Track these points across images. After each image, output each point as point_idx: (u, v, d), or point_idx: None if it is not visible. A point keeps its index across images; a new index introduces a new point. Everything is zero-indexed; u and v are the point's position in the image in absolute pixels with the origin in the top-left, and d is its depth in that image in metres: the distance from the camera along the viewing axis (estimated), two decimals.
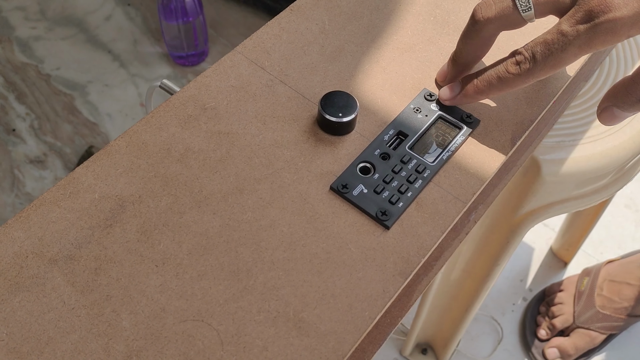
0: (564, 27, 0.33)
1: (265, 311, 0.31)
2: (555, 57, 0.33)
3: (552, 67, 0.34)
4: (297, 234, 0.34)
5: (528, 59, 0.34)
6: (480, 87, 0.36)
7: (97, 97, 1.17)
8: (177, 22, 1.12)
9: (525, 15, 0.35)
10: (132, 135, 0.37)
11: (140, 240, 0.33)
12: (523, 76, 0.34)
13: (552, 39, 0.33)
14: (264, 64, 0.41)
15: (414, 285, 0.43)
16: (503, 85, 0.36)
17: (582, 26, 0.32)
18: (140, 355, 0.30)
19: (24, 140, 1.12)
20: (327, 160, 0.37)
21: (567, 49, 0.33)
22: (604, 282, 0.95)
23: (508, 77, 0.35)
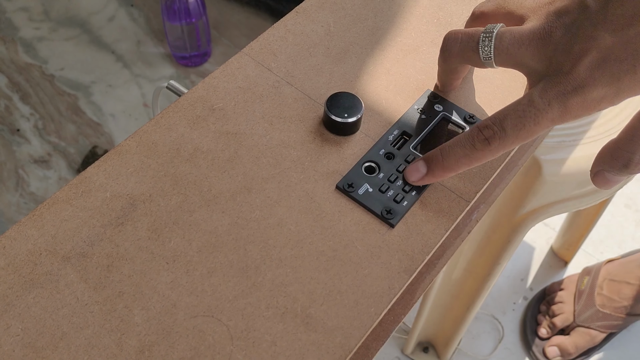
0: (536, 100, 0.31)
1: (274, 307, 0.32)
2: (527, 129, 0.32)
3: (523, 139, 0.32)
4: (304, 232, 0.35)
5: (498, 134, 0.32)
6: (447, 166, 0.34)
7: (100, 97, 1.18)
8: (180, 22, 1.13)
9: (485, 62, 0.35)
10: (142, 136, 0.38)
11: (151, 238, 0.34)
12: (493, 151, 0.33)
13: (524, 111, 0.32)
14: (270, 66, 0.41)
15: (417, 283, 0.44)
16: (472, 162, 0.34)
17: (554, 100, 0.31)
18: (152, 349, 0.30)
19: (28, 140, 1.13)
20: (333, 159, 0.38)
21: (539, 122, 0.32)
22: (604, 281, 0.95)
23: (477, 154, 0.33)
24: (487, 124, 0.33)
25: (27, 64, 1.22)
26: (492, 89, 0.42)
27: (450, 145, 0.34)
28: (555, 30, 0.32)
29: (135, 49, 1.25)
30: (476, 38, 0.35)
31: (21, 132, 1.13)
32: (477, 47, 0.34)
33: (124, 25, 1.28)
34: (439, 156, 0.35)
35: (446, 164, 0.34)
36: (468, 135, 0.33)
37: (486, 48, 0.34)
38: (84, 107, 1.16)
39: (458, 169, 0.34)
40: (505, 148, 0.33)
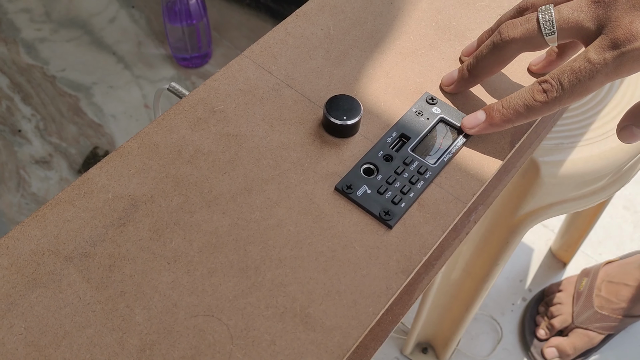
0: (592, 56, 0.33)
1: (273, 307, 0.32)
2: (583, 85, 0.34)
3: (579, 94, 0.34)
4: (303, 232, 0.35)
5: (555, 87, 0.34)
6: (507, 115, 0.36)
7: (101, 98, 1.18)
8: (181, 24, 1.13)
9: (548, 39, 0.36)
10: (144, 137, 0.38)
11: (152, 238, 0.34)
12: (550, 104, 0.35)
13: (580, 67, 0.34)
14: (270, 68, 0.42)
15: (415, 284, 0.44)
16: (530, 113, 0.36)
17: (609, 55, 0.33)
18: (153, 348, 0.31)
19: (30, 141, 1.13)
20: (332, 161, 0.38)
21: (594, 77, 0.33)
22: (603, 283, 0.96)
23: (535, 105, 0.35)
24: (546, 79, 0.35)
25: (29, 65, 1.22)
26: (488, 91, 0.42)
27: (511, 97, 0.36)
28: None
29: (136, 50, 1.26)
30: (534, 18, 0.36)
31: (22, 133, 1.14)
32: (539, 26, 0.36)
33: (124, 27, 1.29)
34: (500, 106, 0.37)
35: (506, 113, 0.36)
36: (528, 88, 0.35)
37: (548, 23, 0.36)
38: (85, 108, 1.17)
39: (516, 119, 0.36)
40: (562, 102, 0.35)
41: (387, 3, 0.46)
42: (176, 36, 1.15)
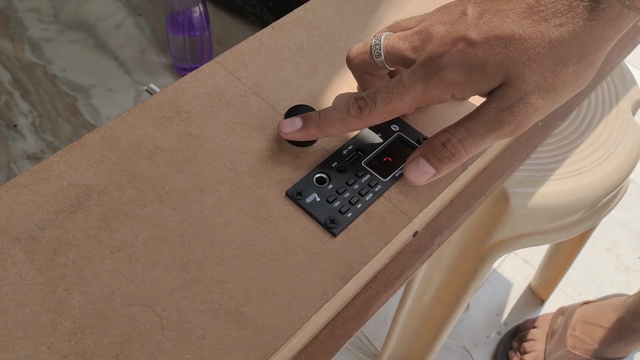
0: (404, 78, 0.36)
1: (209, 302, 0.33)
2: (393, 105, 0.36)
3: (389, 114, 0.36)
4: (249, 234, 0.36)
5: (369, 105, 0.36)
6: (322, 125, 0.38)
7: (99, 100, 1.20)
8: (183, 35, 1.16)
9: (378, 61, 0.39)
10: (107, 131, 0.39)
11: (100, 227, 0.35)
12: (363, 120, 0.37)
13: (393, 88, 0.36)
14: (240, 75, 0.43)
15: (372, 300, 0.45)
16: (344, 127, 0.38)
17: (419, 80, 0.35)
18: (85, 332, 0.32)
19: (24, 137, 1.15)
20: (287, 168, 0.39)
21: (403, 99, 0.36)
22: (578, 323, 0.95)
23: (349, 120, 0.37)
24: (362, 96, 0.37)
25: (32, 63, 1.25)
26: (449, 114, 0.43)
27: (328, 109, 0.38)
28: (436, 28, 0.37)
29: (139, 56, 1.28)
30: (370, 43, 0.40)
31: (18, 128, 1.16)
32: (370, 50, 0.39)
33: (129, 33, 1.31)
34: (317, 116, 0.38)
35: (321, 123, 0.38)
36: (345, 103, 0.37)
37: (376, 47, 0.39)
38: (81, 109, 1.19)
39: (330, 131, 0.38)
40: (374, 119, 0.37)
41: (361, 24, 0.48)
42: (177, 46, 1.18)
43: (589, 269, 1.11)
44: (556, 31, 0.33)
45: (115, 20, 1.35)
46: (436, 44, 0.36)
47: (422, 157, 0.36)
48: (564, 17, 0.33)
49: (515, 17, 0.34)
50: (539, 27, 0.33)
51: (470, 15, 0.36)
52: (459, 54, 0.35)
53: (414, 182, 0.37)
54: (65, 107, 1.17)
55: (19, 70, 1.20)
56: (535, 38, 0.33)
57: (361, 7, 0.48)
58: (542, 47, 0.33)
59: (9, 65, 1.21)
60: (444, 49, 0.35)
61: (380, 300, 0.45)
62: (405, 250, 0.45)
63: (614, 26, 0.33)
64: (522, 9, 0.34)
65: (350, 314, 0.42)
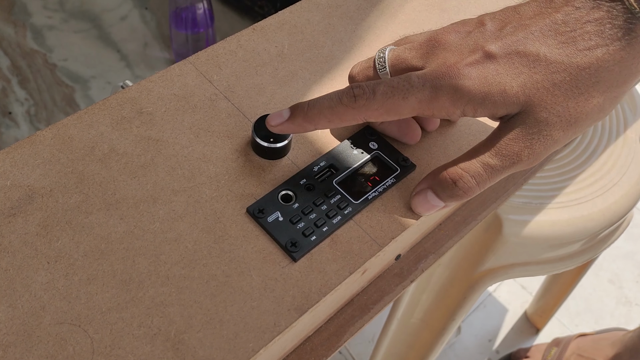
0: (412, 77, 0.32)
1: (146, 326, 0.30)
2: (394, 101, 0.32)
3: (387, 110, 0.32)
4: (201, 252, 0.33)
5: (367, 94, 0.32)
6: (310, 115, 0.33)
7: (97, 92, 1.18)
8: (186, 31, 1.13)
9: (382, 75, 0.35)
10: (60, 128, 0.36)
11: (39, 234, 0.32)
12: (357, 110, 0.32)
13: (398, 83, 0.32)
14: (212, 78, 0.40)
15: (346, 326, 0.42)
16: (333, 117, 0.33)
17: (428, 83, 0.32)
18: (7, 350, 0.29)
19: (18, 125, 1.13)
20: (252, 182, 0.36)
21: (407, 98, 0.32)
22: (572, 356, 0.91)
23: (340, 109, 0.33)
24: (361, 84, 0.33)
25: (32, 50, 1.22)
26: (432, 135, 0.40)
27: (318, 98, 0.34)
28: (449, 35, 0.33)
29: (141, 50, 1.26)
30: (373, 58, 0.36)
31: (12, 116, 1.13)
32: (374, 64, 0.36)
33: (134, 26, 1.29)
34: (305, 105, 0.34)
35: (310, 113, 0.34)
36: (338, 91, 0.33)
37: (380, 60, 0.35)
38: (78, 100, 1.16)
39: (319, 121, 0.34)
40: (369, 112, 0.33)
41: (349, 31, 0.45)
42: (180, 42, 1.15)
43: (588, 299, 1.07)
44: (584, 57, 0.30)
45: (120, 12, 1.32)
46: (450, 52, 0.32)
47: (430, 190, 0.33)
48: (592, 41, 0.30)
49: (539, 35, 0.31)
50: (566, 50, 0.30)
51: (489, 27, 0.32)
52: (476, 66, 0.31)
53: (421, 214, 0.35)
54: (63, 98, 1.15)
55: (19, 57, 1.18)
56: (562, 62, 0.30)
57: (350, 13, 0.45)
58: (567, 74, 0.30)
59: (9, 51, 1.19)
60: (459, 57, 0.32)
61: (355, 326, 0.42)
62: (386, 274, 0.42)
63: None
64: (547, 26, 0.31)
65: (322, 339, 0.39)
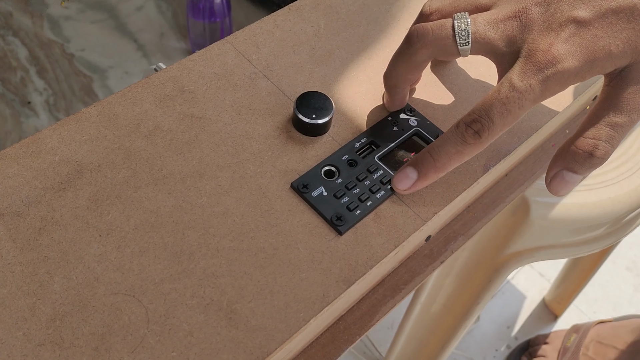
0: (517, 83, 0.31)
1: (199, 297, 0.31)
2: (513, 115, 0.31)
3: (509, 124, 0.32)
4: (248, 225, 0.33)
5: (487, 126, 0.32)
6: (440, 166, 0.33)
7: (115, 82, 1.19)
8: (203, 20, 1.14)
9: (462, 49, 0.33)
10: (105, 106, 0.37)
11: (89, 207, 0.33)
12: (484, 142, 0.32)
13: (507, 97, 0.31)
14: (251, 57, 0.41)
15: (378, 305, 0.42)
16: (464, 157, 0.33)
17: (534, 80, 0.31)
18: (64, 319, 0.29)
19: (37, 114, 1.13)
20: (294, 158, 0.36)
21: (523, 105, 0.31)
22: (591, 342, 0.92)
23: (468, 149, 0.32)
24: (474, 118, 0.32)
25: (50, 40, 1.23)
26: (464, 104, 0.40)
27: (438, 145, 0.33)
28: (531, 10, 0.32)
29: (158, 40, 1.26)
30: (449, 25, 0.33)
31: (32, 105, 1.14)
32: (453, 34, 0.33)
33: (150, 17, 1.30)
34: (429, 158, 0.33)
35: (438, 164, 0.33)
36: (457, 132, 0.32)
37: (463, 33, 0.33)
38: (97, 90, 1.17)
39: (450, 167, 0.34)
40: (495, 137, 0.32)
41: (384, 11, 0.45)
42: (197, 32, 1.16)
43: (606, 287, 1.07)
44: None
45: (136, 2, 1.33)
46: (539, 32, 0.31)
47: (565, 170, 0.32)
48: None
49: None
50: None
51: None
52: (573, 39, 0.30)
53: (562, 195, 0.33)
54: (81, 87, 1.15)
55: (37, 47, 1.19)
56: None
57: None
58: None
59: (27, 42, 1.20)
60: (551, 36, 0.31)
61: (387, 306, 0.42)
62: (416, 255, 0.42)
63: None
64: None
65: (354, 318, 0.40)
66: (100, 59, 1.21)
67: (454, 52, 0.34)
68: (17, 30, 1.24)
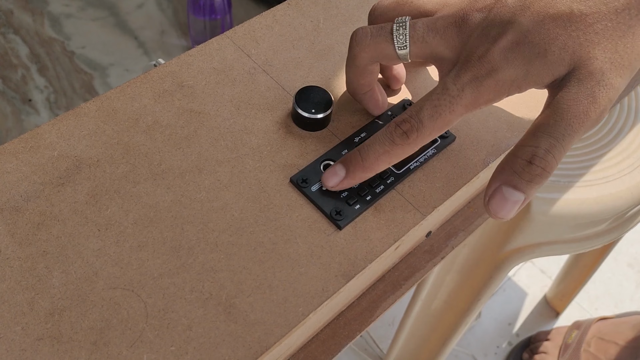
0: (449, 87, 0.31)
1: (198, 291, 0.31)
2: (443, 118, 0.31)
3: (439, 129, 0.31)
4: (247, 220, 0.33)
5: (414, 126, 0.31)
6: (367, 166, 0.33)
7: (115, 79, 1.19)
8: (204, 17, 1.14)
9: (400, 54, 0.33)
10: (104, 101, 0.37)
11: (88, 202, 0.33)
12: (412, 144, 0.32)
13: (439, 100, 0.31)
14: (250, 52, 0.41)
15: (379, 301, 0.42)
16: (391, 158, 0.32)
17: (467, 86, 0.30)
18: (62, 314, 0.29)
19: (38, 112, 1.13)
20: (294, 153, 0.36)
21: (454, 110, 0.31)
22: (593, 339, 0.92)
23: (396, 150, 0.32)
24: (404, 118, 0.32)
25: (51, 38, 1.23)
26: None
27: (367, 145, 0.33)
28: (471, 17, 0.32)
29: (158, 38, 1.26)
30: (388, 28, 0.33)
31: (32, 103, 1.14)
32: (391, 37, 0.33)
33: (151, 14, 1.29)
34: (358, 157, 0.33)
35: (366, 164, 0.33)
36: (385, 132, 0.32)
37: (401, 37, 0.33)
38: (97, 87, 1.17)
39: (378, 167, 0.33)
40: (424, 139, 0.32)
41: None
42: (198, 29, 1.16)
43: (608, 283, 1.07)
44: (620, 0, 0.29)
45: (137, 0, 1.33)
46: (478, 38, 0.31)
47: (504, 185, 0.30)
48: None
49: None
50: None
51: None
52: (510, 46, 0.30)
53: (505, 218, 0.31)
54: (82, 85, 1.15)
55: (38, 45, 1.19)
56: (599, 11, 0.29)
57: None
58: (608, 20, 0.29)
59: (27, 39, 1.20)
60: (489, 43, 0.30)
61: (387, 302, 0.42)
62: (416, 250, 0.42)
63: None
64: None
65: (354, 314, 0.40)
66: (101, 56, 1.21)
67: (393, 56, 0.33)
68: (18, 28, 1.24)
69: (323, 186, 0.34)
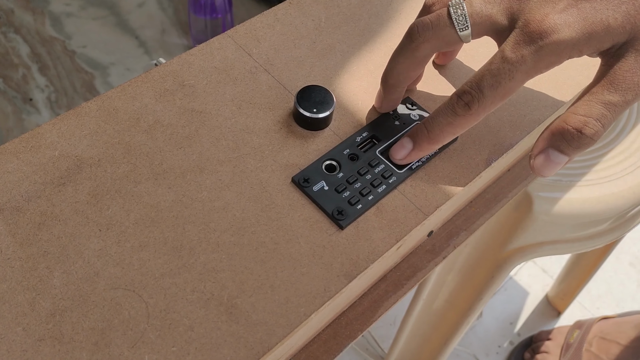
0: (508, 54, 0.31)
1: (199, 291, 0.30)
2: (504, 87, 0.31)
3: (501, 97, 0.32)
4: (248, 220, 0.33)
5: (477, 97, 0.32)
6: (433, 137, 0.34)
7: (116, 79, 1.18)
8: (205, 17, 1.13)
9: (462, 35, 0.33)
10: (105, 100, 0.37)
11: (89, 202, 0.33)
12: (475, 114, 0.32)
13: (499, 69, 0.31)
14: (251, 51, 0.40)
15: (380, 301, 0.42)
16: (456, 129, 0.33)
17: (527, 51, 0.30)
18: (63, 314, 0.29)
19: (39, 111, 1.13)
20: (295, 153, 0.36)
21: (514, 77, 0.31)
22: (595, 338, 0.91)
23: (459, 120, 0.33)
24: (465, 89, 0.32)
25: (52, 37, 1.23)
26: None
27: (432, 117, 0.34)
28: None
29: (159, 37, 1.26)
30: (445, 13, 0.33)
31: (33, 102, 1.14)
32: (451, 21, 0.33)
33: (152, 13, 1.29)
34: (424, 129, 0.34)
35: (432, 135, 0.34)
36: (448, 104, 0.33)
37: (460, 18, 0.33)
38: (98, 86, 1.17)
39: (444, 139, 0.34)
40: (487, 109, 0.32)
41: (385, 4, 0.45)
42: (199, 28, 1.15)
43: (609, 282, 1.07)
44: None
45: None
46: (536, 3, 0.31)
47: (551, 148, 0.32)
48: None
49: None
50: None
51: None
52: (570, 10, 0.30)
53: (546, 176, 0.33)
54: (83, 84, 1.15)
55: (38, 44, 1.19)
56: None
57: None
58: None
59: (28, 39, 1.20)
60: (548, 7, 0.30)
61: (389, 302, 0.42)
62: (418, 250, 0.42)
63: None
64: None
65: (356, 314, 0.40)
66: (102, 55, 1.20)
67: (455, 39, 0.34)
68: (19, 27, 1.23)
69: (392, 160, 0.36)
